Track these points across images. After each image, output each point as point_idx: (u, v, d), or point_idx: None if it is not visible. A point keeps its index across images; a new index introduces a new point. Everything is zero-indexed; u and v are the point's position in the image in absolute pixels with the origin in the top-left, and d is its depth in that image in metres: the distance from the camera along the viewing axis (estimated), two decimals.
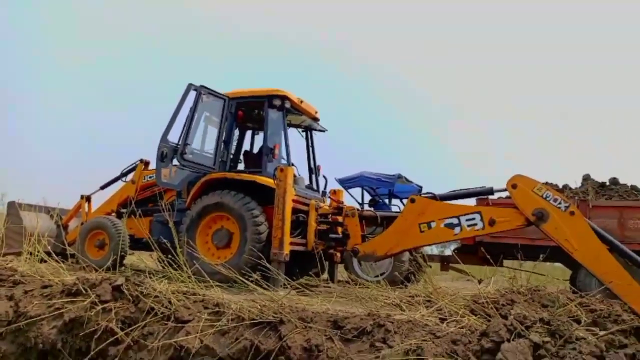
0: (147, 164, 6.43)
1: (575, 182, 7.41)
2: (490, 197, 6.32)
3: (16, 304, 3.13)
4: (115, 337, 2.75)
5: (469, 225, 4.80)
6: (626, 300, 3.85)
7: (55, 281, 3.30)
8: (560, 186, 7.29)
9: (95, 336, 2.76)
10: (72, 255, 5.40)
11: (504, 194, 4.99)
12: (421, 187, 8.12)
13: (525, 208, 4.52)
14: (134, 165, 6.45)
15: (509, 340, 2.30)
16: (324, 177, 6.41)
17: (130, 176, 6.45)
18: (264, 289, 3.83)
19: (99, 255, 5.72)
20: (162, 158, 5.04)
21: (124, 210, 6.24)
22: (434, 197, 5.05)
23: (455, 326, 2.96)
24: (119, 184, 6.54)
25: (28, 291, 3.21)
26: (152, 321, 2.80)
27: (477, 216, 4.79)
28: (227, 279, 4.09)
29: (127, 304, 2.92)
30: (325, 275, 7.16)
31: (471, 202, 5.69)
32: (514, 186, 4.62)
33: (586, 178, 7.29)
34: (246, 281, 3.61)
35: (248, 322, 2.61)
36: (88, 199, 6.61)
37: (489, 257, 5.37)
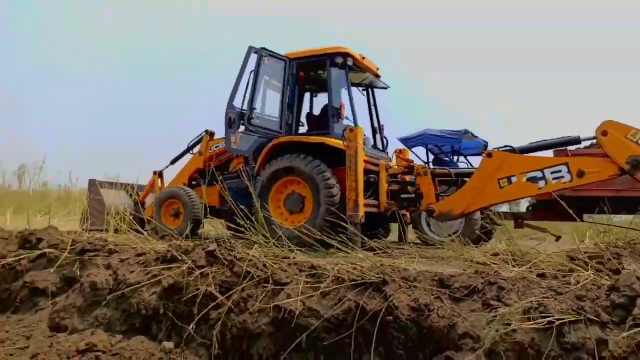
0: (212, 134, 6.48)
1: None
2: (569, 147, 5.94)
3: (114, 272, 3.22)
4: (215, 301, 2.77)
5: (554, 178, 4.51)
6: None
7: (148, 249, 3.36)
8: None
9: (197, 301, 2.78)
10: (149, 222, 5.57)
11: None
12: (487, 143, 7.74)
13: (618, 156, 4.18)
14: (200, 136, 6.52)
15: None
16: (384, 137, 6.22)
17: (197, 148, 6.53)
18: (345, 251, 3.77)
19: (174, 224, 5.90)
20: (230, 124, 5.03)
21: (196, 181, 6.35)
22: (512, 150, 4.77)
23: (557, 282, 2.78)
24: (188, 157, 6.65)
25: (124, 259, 3.29)
26: (250, 284, 2.79)
27: (564, 168, 4.48)
28: (304, 242, 4.06)
29: (222, 268, 2.92)
30: (391, 236, 7.08)
31: None
32: (604, 133, 4.26)
33: None
34: (331, 241, 3.55)
35: (349, 283, 2.54)
36: (160, 174, 6.79)
37: (570, 211, 5.06)
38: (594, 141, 4.77)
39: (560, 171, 4.49)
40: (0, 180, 11.00)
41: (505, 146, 4.68)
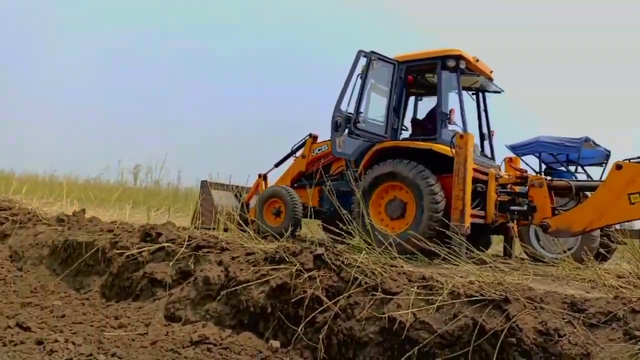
0: (315, 137, 6.59)
1: None
2: None
3: (226, 269, 3.36)
4: (322, 305, 2.76)
5: None
6: None
7: (256, 249, 3.46)
8: None
9: (304, 303, 2.79)
10: (252, 223, 5.80)
11: None
12: (609, 152, 6.99)
13: None
14: (304, 140, 6.67)
15: None
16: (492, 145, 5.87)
17: (300, 151, 6.69)
18: (451, 262, 3.59)
19: (276, 222, 6.09)
20: (336, 127, 5.06)
21: (299, 184, 6.49)
22: None
23: None
24: (291, 161, 6.84)
25: (235, 257, 3.42)
26: (357, 291, 2.74)
27: None
28: (406, 250, 3.93)
29: (329, 273, 2.92)
30: (492, 249, 6.66)
31: None
32: None
33: None
34: (437, 251, 3.40)
35: (465, 299, 2.39)
36: (264, 177, 7.06)
37: None
38: None
39: None
40: (119, 177, 12.21)
41: (639, 157, 4.17)
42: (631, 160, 4.24)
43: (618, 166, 4.20)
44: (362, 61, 5.14)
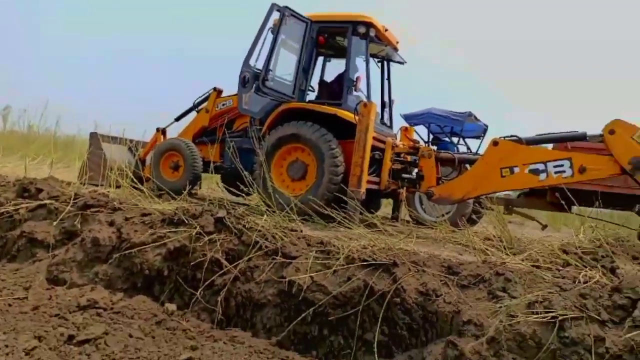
0: (220, 92, 6.34)
1: None
2: (570, 142, 5.99)
3: (118, 230, 3.20)
4: (222, 269, 2.78)
5: (556, 172, 4.56)
6: None
7: (153, 210, 3.33)
8: None
9: (203, 266, 2.79)
10: (147, 181, 5.51)
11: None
12: (487, 127, 7.77)
13: (622, 156, 4.22)
14: (207, 94, 6.38)
15: None
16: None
17: (203, 105, 6.40)
18: (345, 226, 3.81)
19: (173, 177, 5.87)
20: (244, 83, 4.92)
21: (200, 139, 6.25)
22: (518, 140, 4.78)
23: (552, 275, 2.86)
24: (193, 115, 6.53)
25: (128, 218, 3.26)
26: (258, 255, 2.80)
27: (567, 163, 4.53)
28: (305, 212, 4.07)
29: (230, 236, 2.92)
30: (382, 212, 7.16)
31: None
32: (612, 132, 4.29)
33: None
34: (334, 215, 3.57)
35: (359, 262, 2.57)
36: (163, 131, 6.66)
37: (563, 203, 5.15)
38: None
39: (562, 165, 4.53)
40: None
41: (512, 136, 4.69)
42: (505, 138, 4.76)
43: (494, 142, 4.69)
44: (276, 16, 4.98)
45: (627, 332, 2.13)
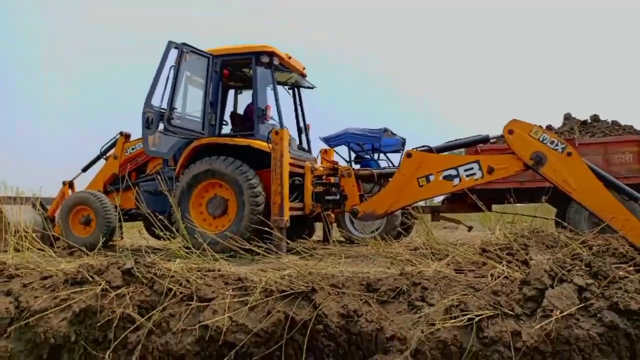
0: (127, 136, 6.07)
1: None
2: (479, 145, 6.34)
3: (16, 299, 2.90)
4: (134, 324, 2.58)
5: (467, 175, 4.77)
6: (625, 235, 3.93)
7: (55, 271, 3.06)
8: (544, 127, 7.35)
9: (113, 324, 2.57)
10: (58, 240, 5.11)
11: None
12: (404, 140, 8.05)
13: (523, 153, 4.51)
14: (114, 139, 6.09)
15: (552, 287, 2.27)
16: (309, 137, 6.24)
17: (111, 152, 6.10)
18: (271, 257, 3.72)
19: (85, 232, 5.48)
20: (148, 125, 4.73)
21: (112, 187, 5.93)
22: (429, 149, 4.97)
23: (473, 276, 2.95)
24: (101, 163, 6.19)
25: (27, 284, 2.97)
26: (172, 303, 2.64)
27: (476, 165, 4.76)
28: (227, 248, 3.95)
29: (140, 287, 2.73)
30: (316, 235, 7.14)
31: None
32: (511, 132, 4.57)
33: (568, 117, 7.36)
34: (256, 249, 3.48)
35: (278, 294, 2.49)
36: (71, 184, 6.23)
37: (481, 204, 5.41)
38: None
39: (472, 168, 4.75)
40: None
41: (423, 146, 4.87)
42: (418, 149, 4.94)
43: (408, 154, 4.84)
44: (174, 54, 4.89)
45: (538, 322, 2.21)
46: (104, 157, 6.16)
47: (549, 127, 7.28)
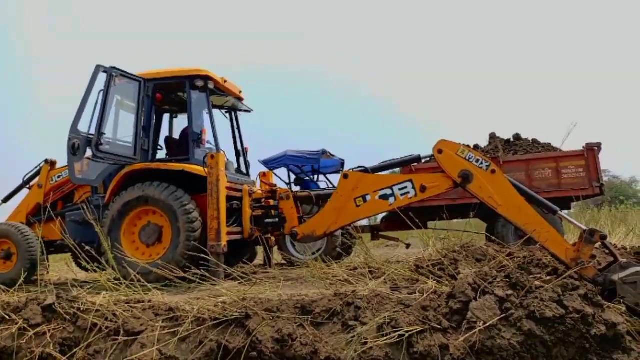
0: (53, 163, 5.75)
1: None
2: (414, 165, 6.60)
3: None
4: None
5: (402, 194, 4.93)
6: (546, 246, 4.21)
7: None
8: (472, 146, 7.79)
9: None
10: None
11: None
12: (344, 161, 8.21)
13: (452, 171, 4.74)
14: (39, 167, 5.74)
15: (475, 299, 2.39)
16: (248, 160, 6.21)
17: (35, 180, 5.73)
18: (206, 282, 3.64)
19: (6, 267, 5.08)
20: (74, 151, 4.49)
21: (36, 218, 5.56)
22: (365, 170, 5.11)
23: (407, 293, 3.04)
24: (24, 193, 5.80)
25: None
26: (98, 338, 2.50)
27: (409, 184, 4.93)
28: (162, 277, 3.82)
29: (63, 324, 2.58)
30: (257, 260, 7.06)
31: None
32: (440, 151, 4.80)
33: (492, 136, 7.83)
34: (191, 277, 3.39)
35: (210, 322, 2.43)
36: None
37: (417, 221, 5.59)
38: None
39: (406, 187, 4.92)
40: None
41: (359, 167, 4.99)
42: (354, 170, 5.06)
43: (345, 175, 4.94)
44: (103, 77, 4.73)
45: (464, 334, 2.31)
46: (28, 186, 5.79)
47: (476, 147, 7.73)
